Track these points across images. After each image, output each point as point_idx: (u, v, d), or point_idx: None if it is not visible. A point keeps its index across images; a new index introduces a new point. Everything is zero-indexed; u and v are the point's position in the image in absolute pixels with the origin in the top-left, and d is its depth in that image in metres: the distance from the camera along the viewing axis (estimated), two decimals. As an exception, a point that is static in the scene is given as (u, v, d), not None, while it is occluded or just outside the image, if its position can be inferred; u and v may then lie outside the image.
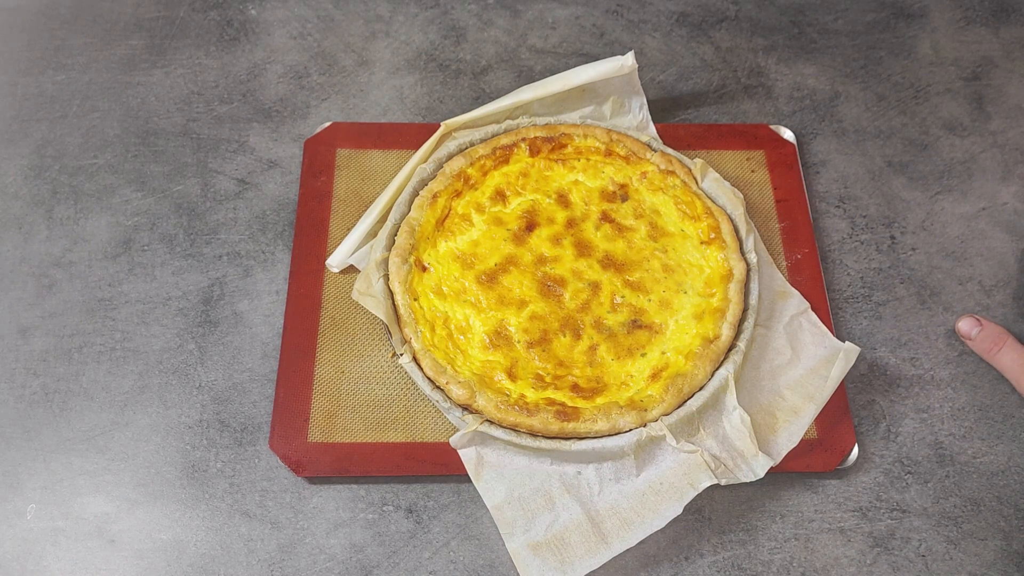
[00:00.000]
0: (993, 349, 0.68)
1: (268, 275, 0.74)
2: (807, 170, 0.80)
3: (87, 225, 0.76)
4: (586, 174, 0.75)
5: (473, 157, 0.74)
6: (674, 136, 0.80)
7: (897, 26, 0.90)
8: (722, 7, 0.91)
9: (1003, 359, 0.68)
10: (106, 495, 0.65)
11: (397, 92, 0.84)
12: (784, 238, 0.75)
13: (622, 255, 0.71)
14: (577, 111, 0.79)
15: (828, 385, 0.64)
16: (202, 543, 0.63)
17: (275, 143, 0.81)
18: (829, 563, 0.63)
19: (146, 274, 0.74)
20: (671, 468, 0.62)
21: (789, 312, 0.70)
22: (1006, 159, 0.81)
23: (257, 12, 0.90)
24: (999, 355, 0.68)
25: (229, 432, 0.67)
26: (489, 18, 0.90)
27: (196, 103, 0.83)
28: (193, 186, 0.78)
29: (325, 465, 0.64)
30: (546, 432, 0.62)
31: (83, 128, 0.82)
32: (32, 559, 0.62)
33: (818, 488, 0.65)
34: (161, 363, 0.70)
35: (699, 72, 0.86)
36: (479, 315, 0.68)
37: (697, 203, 0.72)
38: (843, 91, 0.85)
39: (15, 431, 0.67)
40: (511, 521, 0.61)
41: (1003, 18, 0.91)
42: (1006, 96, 0.85)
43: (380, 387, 0.67)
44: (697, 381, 0.64)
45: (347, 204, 0.76)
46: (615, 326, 0.68)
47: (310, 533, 0.63)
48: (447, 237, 0.71)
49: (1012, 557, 0.63)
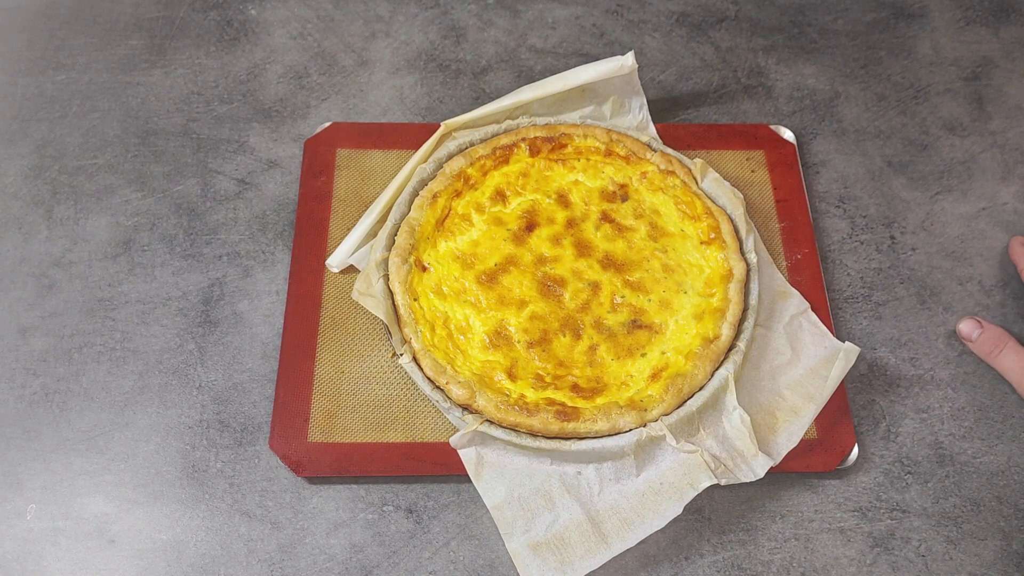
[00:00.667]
0: (994, 351, 0.68)
1: (268, 275, 0.74)
2: (807, 170, 0.80)
3: (87, 225, 0.76)
4: (586, 174, 0.75)
5: (473, 157, 0.74)
6: (674, 136, 0.80)
7: (897, 26, 0.90)
8: (722, 7, 0.91)
9: (1004, 361, 0.68)
10: (106, 495, 0.65)
11: (397, 92, 0.84)
12: (784, 238, 0.75)
13: (622, 255, 0.71)
14: (577, 111, 0.79)
15: (828, 385, 0.64)
16: (202, 543, 0.63)
17: (275, 143, 0.81)
18: (829, 563, 0.63)
19: (146, 274, 0.74)
20: (671, 468, 0.62)
21: (789, 312, 0.70)
22: (1006, 159, 0.81)
23: (257, 12, 0.90)
24: (1000, 357, 0.68)
25: (229, 432, 0.67)
26: (489, 18, 0.90)
27: (196, 103, 0.83)
28: (193, 186, 0.78)
29: (325, 465, 0.64)
30: (546, 432, 0.62)
31: (83, 128, 0.82)
32: (32, 559, 0.62)
33: (818, 488, 0.65)
34: (161, 363, 0.70)
35: (699, 72, 0.86)
36: (479, 315, 0.68)
37: (697, 203, 0.72)
38: (843, 91, 0.85)
39: (15, 431, 0.67)
40: (511, 521, 0.61)
41: (1003, 18, 0.91)
42: (1006, 96, 0.85)
43: (380, 387, 0.67)
44: (697, 381, 0.64)
45: (347, 204, 0.76)
46: (615, 326, 0.68)
47: (310, 533, 0.63)
48: (447, 237, 0.71)
49: (1012, 557, 0.63)
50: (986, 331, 0.69)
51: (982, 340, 0.69)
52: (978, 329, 0.69)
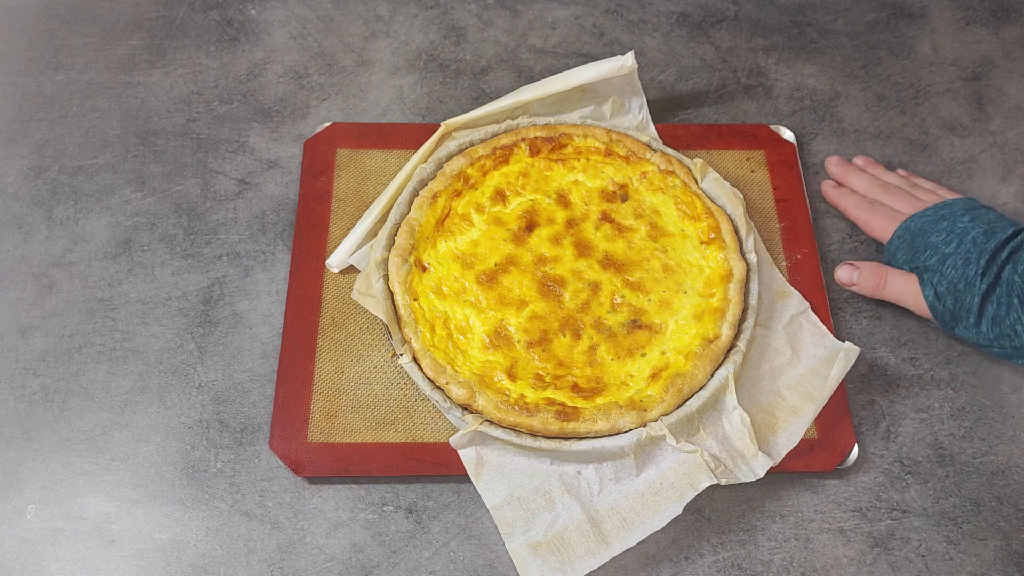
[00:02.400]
0: (880, 284, 0.69)
1: (268, 275, 0.74)
2: (807, 170, 0.80)
3: (87, 225, 0.76)
4: (586, 174, 0.75)
5: (473, 157, 0.74)
6: (674, 136, 0.80)
7: (897, 26, 0.90)
8: (722, 7, 0.91)
9: (892, 289, 0.69)
10: (106, 495, 0.65)
11: (397, 92, 0.84)
12: (784, 238, 0.75)
13: (622, 255, 0.71)
14: (577, 111, 0.79)
15: (828, 385, 0.64)
16: (202, 543, 0.63)
17: (275, 143, 0.81)
18: (829, 563, 0.63)
19: (146, 274, 0.74)
20: (671, 468, 0.62)
21: (789, 312, 0.70)
22: (1006, 159, 0.81)
23: (257, 12, 0.90)
24: (887, 288, 0.69)
25: (229, 432, 0.67)
26: (489, 18, 0.90)
27: (196, 103, 0.83)
28: (193, 186, 0.78)
29: (325, 465, 0.64)
30: (546, 432, 0.62)
31: (83, 128, 0.82)
32: (32, 559, 0.62)
33: (818, 488, 0.65)
34: (161, 363, 0.70)
35: (699, 72, 0.86)
36: (479, 315, 0.68)
37: (697, 203, 0.72)
38: (843, 91, 0.85)
39: (15, 431, 0.67)
40: (511, 521, 0.61)
41: (1003, 18, 0.91)
42: (1006, 96, 0.85)
43: (380, 387, 0.67)
44: (697, 381, 0.64)
45: (347, 204, 0.76)
46: (615, 326, 0.68)
47: (310, 533, 0.63)
48: (447, 237, 0.71)
49: (1012, 557, 0.63)
50: (863, 269, 0.70)
51: (864, 278, 0.70)
52: (855, 271, 0.70)
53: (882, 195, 0.73)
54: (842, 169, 0.76)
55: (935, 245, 0.67)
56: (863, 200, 0.73)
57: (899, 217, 0.71)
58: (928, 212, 0.69)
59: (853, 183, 0.75)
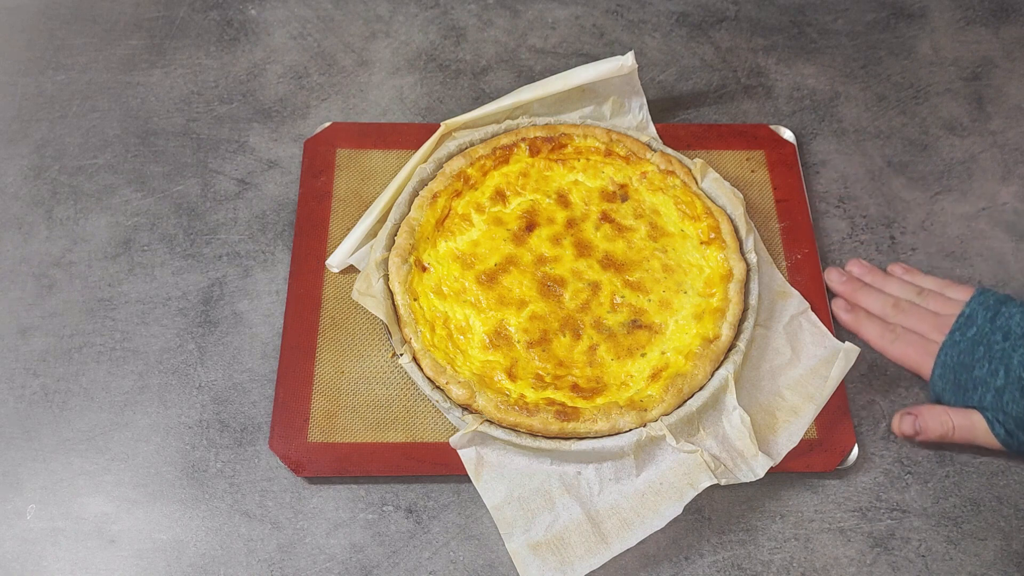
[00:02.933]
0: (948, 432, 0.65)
1: (268, 275, 0.74)
2: (807, 170, 0.80)
3: (87, 225, 0.76)
4: (586, 174, 0.75)
5: (473, 157, 0.74)
6: (674, 136, 0.80)
7: (897, 26, 0.90)
8: (722, 7, 0.91)
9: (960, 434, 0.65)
10: (106, 495, 0.65)
11: (397, 92, 0.84)
12: (784, 238, 0.75)
13: (622, 255, 0.71)
14: (577, 111, 0.79)
15: (828, 385, 0.64)
16: (202, 543, 0.63)
17: (275, 143, 0.81)
18: (829, 563, 0.63)
19: (146, 274, 0.74)
20: (671, 468, 0.62)
21: (789, 312, 0.70)
22: (1006, 159, 0.81)
23: (257, 12, 0.90)
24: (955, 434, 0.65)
25: (229, 432, 0.67)
26: (489, 18, 0.90)
27: (196, 103, 0.83)
28: (193, 186, 0.78)
29: (325, 465, 0.64)
30: (546, 432, 0.62)
31: (83, 128, 0.82)
32: (32, 559, 0.62)
33: (818, 488, 0.65)
34: (161, 363, 0.70)
35: (699, 72, 0.86)
36: (479, 315, 0.68)
37: (697, 203, 0.72)
38: (843, 91, 0.85)
39: (15, 431, 0.67)
40: (511, 521, 0.61)
41: (1003, 18, 0.91)
42: (1006, 96, 0.85)
43: (380, 387, 0.67)
44: (697, 381, 0.64)
45: (347, 204, 0.76)
46: (615, 326, 0.68)
47: (310, 533, 0.63)
48: (447, 237, 0.71)
49: (1012, 557, 0.63)
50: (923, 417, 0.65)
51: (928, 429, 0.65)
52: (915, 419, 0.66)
53: (898, 316, 0.69)
54: (848, 287, 0.72)
55: (983, 380, 0.63)
56: (884, 330, 0.69)
57: (927, 345, 0.67)
58: (956, 337, 0.65)
59: (865, 304, 0.71)
